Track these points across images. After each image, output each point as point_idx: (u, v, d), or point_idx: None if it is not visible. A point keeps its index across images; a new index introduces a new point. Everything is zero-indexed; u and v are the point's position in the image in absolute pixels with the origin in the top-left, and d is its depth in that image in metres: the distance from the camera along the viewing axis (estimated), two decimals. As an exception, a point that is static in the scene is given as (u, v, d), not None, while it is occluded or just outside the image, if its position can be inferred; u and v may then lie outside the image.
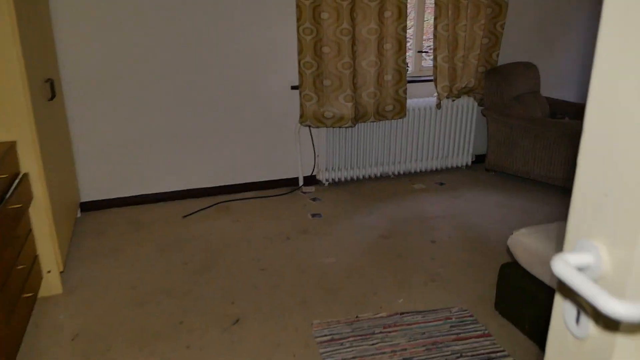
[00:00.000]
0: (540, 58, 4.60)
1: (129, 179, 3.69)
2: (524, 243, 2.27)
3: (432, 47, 4.15)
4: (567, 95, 4.88)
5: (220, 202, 3.81)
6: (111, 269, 2.89)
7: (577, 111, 4.44)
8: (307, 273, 2.84)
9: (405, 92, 3.96)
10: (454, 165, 4.50)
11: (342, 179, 4.16)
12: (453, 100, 4.27)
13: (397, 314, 2.48)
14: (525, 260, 2.27)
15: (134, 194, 3.74)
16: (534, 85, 4.45)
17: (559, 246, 2.16)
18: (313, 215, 3.59)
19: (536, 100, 4.42)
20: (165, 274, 2.83)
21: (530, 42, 4.56)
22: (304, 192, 4.02)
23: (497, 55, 4.27)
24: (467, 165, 4.57)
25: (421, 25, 4.22)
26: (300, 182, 4.11)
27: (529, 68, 4.41)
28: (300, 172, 4.09)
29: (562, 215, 3.59)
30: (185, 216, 3.58)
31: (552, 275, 2.12)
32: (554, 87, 4.78)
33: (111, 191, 3.69)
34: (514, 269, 2.37)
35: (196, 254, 3.06)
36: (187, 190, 3.86)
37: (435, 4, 3.89)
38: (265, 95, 3.82)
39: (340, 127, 3.88)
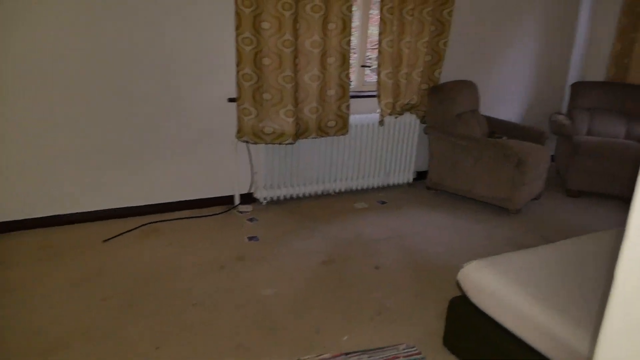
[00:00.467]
0: (479, 77, 4.62)
1: (41, 196, 3.27)
2: (475, 278, 2.16)
3: (375, 61, 4.04)
4: (504, 114, 4.95)
5: (148, 224, 3.47)
6: (11, 310, 2.50)
7: (514, 131, 4.49)
8: (244, 308, 2.59)
9: (348, 107, 3.81)
10: (396, 182, 4.41)
11: (281, 197, 3.94)
12: (396, 118, 4.17)
13: (342, 354, 2.30)
14: (476, 296, 2.16)
15: (46, 215, 3.32)
16: (474, 103, 4.46)
17: (510, 281, 2.07)
18: (250, 239, 3.35)
19: (476, 118, 4.42)
20: (80, 313, 2.48)
21: (470, 60, 4.57)
22: (241, 212, 3.76)
23: (439, 73, 4.22)
24: (408, 183, 4.49)
25: (365, 40, 4.10)
26: (237, 201, 3.85)
27: (469, 86, 4.41)
28: (236, 190, 3.83)
29: (504, 237, 3.57)
30: (106, 240, 3.22)
31: (505, 312, 2.02)
32: (491, 106, 4.82)
33: (19, 211, 3.25)
34: (464, 304, 2.25)
35: (118, 286, 2.73)
36: (110, 209, 3.49)
37: (381, 19, 3.77)
38: (200, 107, 3.53)
39: (280, 144, 3.66)
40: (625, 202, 4.39)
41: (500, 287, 2.05)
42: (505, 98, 4.93)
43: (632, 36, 4.78)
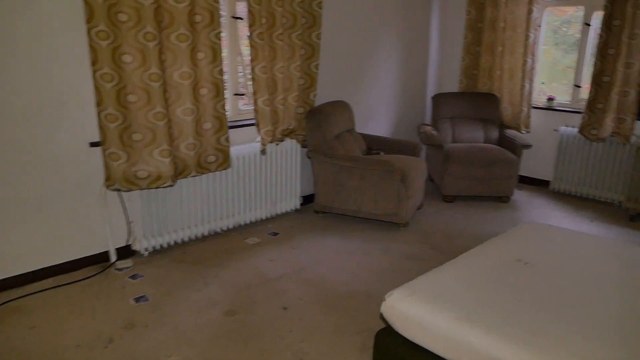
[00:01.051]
0: (351, 96, 4.69)
1: None
2: (400, 309, 2.07)
3: (249, 89, 3.86)
4: (377, 130, 5.09)
5: (6, 302, 2.87)
6: None
7: (390, 146, 4.62)
8: (145, 388, 2.21)
9: (227, 140, 3.58)
10: (283, 210, 4.26)
11: (165, 245, 3.55)
12: (277, 145, 4.03)
13: (270, 418, 2.05)
14: (403, 328, 2.07)
15: None
16: (350, 123, 4.50)
17: (437, 307, 2.01)
18: (137, 300, 2.93)
19: (353, 137, 4.46)
20: None
21: (342, 81, 4.62)
22: (120, 269, 3.30)
23: (314, 96, 4.19)
24: (296, 209, 4.37)
25: (235, 67, 3.90)
26: (113, 257, 3.37)
27: (344, 106, 4.44)
28: (111, 245, 3.36)
29: (401, 252, 3.60)
30: (-50, 334, 2.58)
31: (437, 341, 1.96)
32: (365, 124, 4.92)
33: None
34: (391, 336, 2.15)
35: (-26, 393, 2.17)
36: (-51, 293, 2.82)
37: (251, 45, 3.61)
38: (55, 156, 3.02)
39: (157, 188, 3.29)
40: (495, 200, 4.75)
41: (428, 315, 1.99)
42: (376, 115, 5.08)
43: (477, 50, 5.23)
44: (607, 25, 4.36)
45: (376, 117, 5.09)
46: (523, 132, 5.08)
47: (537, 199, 4.89)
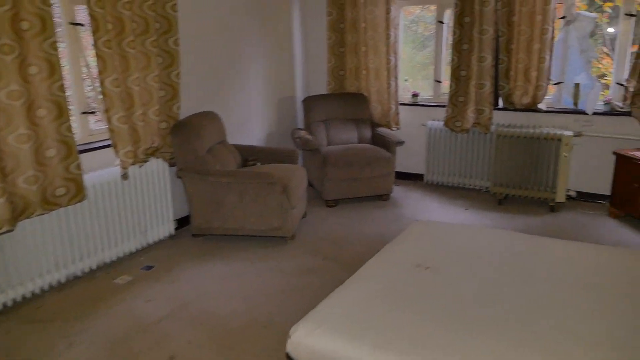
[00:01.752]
0: (220, 106, 4.35)
1: None
2: (308, 345, 1.83)
3: (101, 106, 3.34)
4: (250, 139, 4.80)
5: None
6: None
7: (266, 155, 4.38)
8: None
9: (79, 167, 3.04)
10: (156, 239, 3.79)
11: (9, 303, 2.90)
12: (140, 166, 3.55)
13: None
14: (315, 365, 1.83)
15: None
16: (221, 134, 4.16)
17: (348, 337, 1.81)
18: (-23, 382, 2.32)
19: (226, 149, 4.13)
20: None
21: (208, 90, 4.26)
22: (-51, 344, 2.61)
23: (178, 108, 3.78)
24: (171, 235, 3.92)
25: (80, 81, 3.35)
26: (-62, 330, 2.66)
27: (213, 117, 4.09)
28: None
29: (294, 267, 3.37)
30: None
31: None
32: (237, 134, 4.60)
33: None
34: (301, 376, 1.90)
35: None
36: None
37: (97, 55, 3.11)
38: None
39: (-8, 235, 2.66)
40: (376, 199, 4.74)
41: (341, 348, 1.77)
42: (248, 123, 4.80)
43: (341, 50, 5.20)
44: (459, 22, 4.58)
45: (248, 126, 4.80)
46: (394, 129, 5.16)
47: (414, 192, 5.00)
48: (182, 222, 4.07)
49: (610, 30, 4.59)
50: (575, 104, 4.56)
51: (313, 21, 5.42)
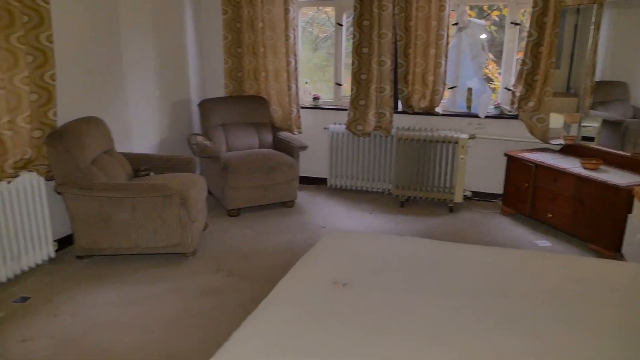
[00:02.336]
0: (105, 110, 3.90)
1: None
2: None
3: (-46, 112, 2.80)
4: (141, 147, 4.39)
5: None
6: None
7: (160, 163, 4.02)
8: None
9: None
10: (33, 264, 3.29)
11: None
12: (9, 182, 3.05)
13: None
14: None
15: None
16: (107, 142, 3.74)
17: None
18: None
19: (114, 159, 3.72)
20: None
21: (90, 93, 3.79)
22: None
23: (55, 114, 3.31)
24: (50, 259, 3.43)
25: None
26: None
27: (97, 124, 3.66)
28: None
29: (195, 288, 3.08)
30: None
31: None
32: (126, 141, 4.18)
33: None
34: None
35: None
36: None
37: (-54, 51, 2.59)
38: None
39: None
40: (280, 206, 4.57)
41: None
42: (139, 129, 4.37)
43: (239, 51, 4.95)
44: (359, 25, 4.55)
45: (139, 132, 4.38)
46: (296, 133, 5.03)
47: (318, 197, 4.90)
48: (64, 243, 3.59)
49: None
50: (469, 107, 4.75)
51: (207, 20, 5.11)
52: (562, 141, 4.42)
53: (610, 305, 2.02)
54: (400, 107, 4.85)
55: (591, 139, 4.27)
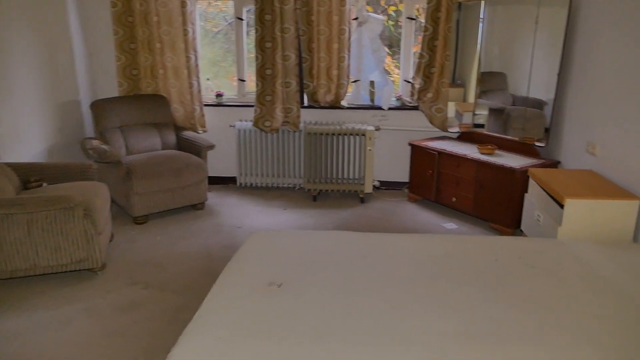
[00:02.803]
0: (-18, 115, 3.44)
1: None
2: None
3: None
4: (28, 155, 3.93)
5: None
6: None
7: (53, 172, 3.64)
8: None
9: None
10: None
11: None
12: None
13: None
14: None
15: None
16: (-11, 152, 3.30)
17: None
18: None
19: (-1, 171, 3.30)
20: None
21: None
22: None
23: None
24: None
25: None
26: None
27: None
28: None
29: (113, 305, 2.83)
30: None
31: None
32: (9, 150, 3.72)
33: None
34: None
35: None
36: None
37: None
38: None
39: None
40: (190, 209, 4.38)
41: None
42: (23, 136, 3.91)
43: (132, 47, 4.62)
44: (260, 19, 4.47)
45: (24, 139, 3.92)
46: (200, 132, 4.83)
47: (229, 197, 4.77)
48: (-58, 270, 3.12)
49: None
50: (372, 100, 4.89)
51: (95, 13, 4.70)
52: (458, 129, 4.72)
53: (528, 279, 2.19)
54: (306, 101, 4.87)
55: (482, 126, 4.61)
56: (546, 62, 3.98)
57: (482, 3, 4.34)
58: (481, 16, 4.38)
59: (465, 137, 4.66)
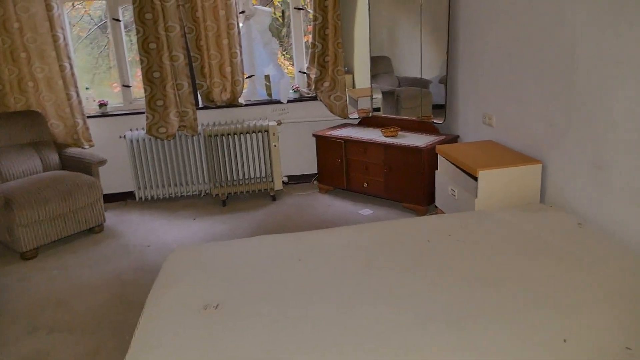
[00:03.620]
0: None
1: None
2: None
3: None
4: None
5: None
6: None
7: None
8: None
9: None
10: None
11: None
12: None
13: None
14: None
15: None
16: None
17: None
18: None
19: None
20: None
21: None
22: None
23: None
24: None
25: None
26: None
27: None
28: None
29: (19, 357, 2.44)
30: None
31: None
32: None
33: None
34: None
35: None
36: None
37: None
38: None
39: None
40: (87, 234, 3.95)
41: None
42: None
43: (-9, 59, 4.03)
44: (141, 19, 4.12)
45: None
46: (87, 147, 4.37)
47: (130, 214, 4.38)
48: None
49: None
50: (269, 94, 4.76)
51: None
52: (356, 115, 4.76)
53: (465, 254, 2.23)
54: (201, 102, 4.61)
55: (378, 109, 4.70)
56: (435, 43, 4.13)
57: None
58: (367, 2, 4.43)
59: (365, 122, 4.71)
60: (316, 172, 4.71)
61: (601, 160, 2.46)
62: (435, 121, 4.24)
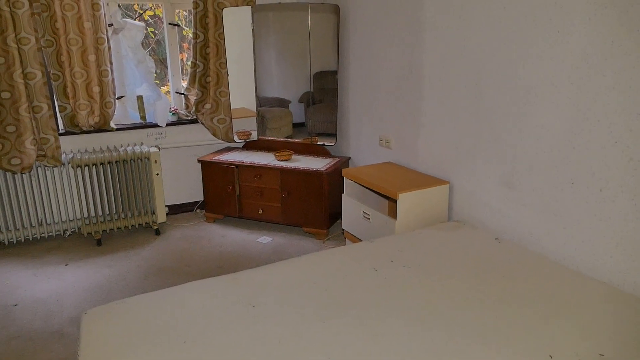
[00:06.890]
0: None
1: None
2: None
3: None
4: None
5: None
6: None
7: None
8: None
9: None
10: None
11: None
12: None
13: None
14: None
15: None
16: None
17: None
18: None
19: None
20: None
21: None
22: None
23: None
24: None
25: None
26: None
27: None
28: None
29: None
30: None
31: None
32: None
33: None
34: None
35: None
36: None
37: None
38: None
39: None
40: None
41: None
42: None
43: None
44: (-17, 27, 3.38)
45: None
46: None
47: (-26, 268, 3.53)
48: None
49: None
50: (143, 117, 4.30)
51: None
52: (237, 138, 4.55)
53: (414, 280, 2.24)
54: (62, 127, 3.96)
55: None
56: (321, 63, 4.18)
57: (250, 9, 4.24)
58: (251, 21, 4.29)
59: (250, 145, 4.54)
60: (198, 200, 4.38)
61: (511, 181, 2.70)
62: (326, 143, 4.26)
